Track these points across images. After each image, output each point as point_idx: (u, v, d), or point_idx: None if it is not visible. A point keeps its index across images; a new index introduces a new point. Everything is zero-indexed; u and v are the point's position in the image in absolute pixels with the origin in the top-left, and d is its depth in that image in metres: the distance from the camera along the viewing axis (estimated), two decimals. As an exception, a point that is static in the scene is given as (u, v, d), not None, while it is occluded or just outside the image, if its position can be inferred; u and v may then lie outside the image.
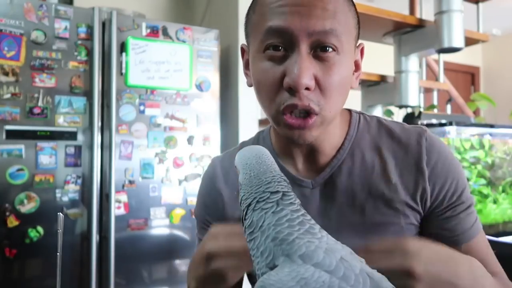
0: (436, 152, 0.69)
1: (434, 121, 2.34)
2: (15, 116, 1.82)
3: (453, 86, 3.06)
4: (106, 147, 1.98)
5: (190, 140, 2.19)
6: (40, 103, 1.87)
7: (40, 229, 1.83)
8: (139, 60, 2.08)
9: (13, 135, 1.82)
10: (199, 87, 2.23)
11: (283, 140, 0.72)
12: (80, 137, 1.94)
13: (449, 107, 3.08)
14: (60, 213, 0.55)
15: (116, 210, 1.97)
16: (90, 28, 1.98)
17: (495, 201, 2.04)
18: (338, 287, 0.44)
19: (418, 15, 2.80)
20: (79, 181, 1.93)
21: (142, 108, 2.08)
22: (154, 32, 2.13)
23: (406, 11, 2.78)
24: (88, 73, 1.97)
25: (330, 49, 0.60)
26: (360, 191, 0.69)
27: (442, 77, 2.81)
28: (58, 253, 0.53)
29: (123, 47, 2.05)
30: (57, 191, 1.88)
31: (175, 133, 2.15)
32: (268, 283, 0.46)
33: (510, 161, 2.11)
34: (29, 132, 1.85)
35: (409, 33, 2.56)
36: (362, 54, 0.70)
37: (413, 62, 2.56)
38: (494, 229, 2.02)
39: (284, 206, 0.52)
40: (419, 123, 2.32)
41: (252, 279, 0.76)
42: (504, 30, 4.91)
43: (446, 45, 2.36)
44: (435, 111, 2.85)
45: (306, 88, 0.59)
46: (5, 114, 1.81)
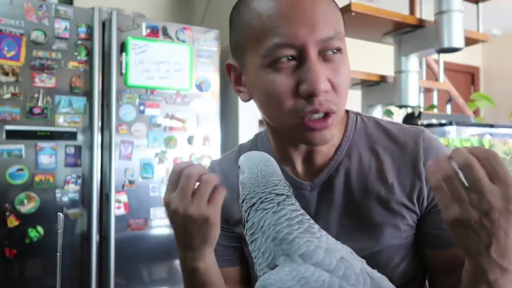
0: (433, 152, 0.69)
1: (434, 121, 2.34)
2: (15, 116, 1.82)
3: (453, 86, 3.06)
4: (106, 147, 1.98)
5: (190, 140, 2.19)
6: (40, 103, 1.87)
7: (40, 229, 1.83)
8: (139, 60, 2.08)
9: (13, 135, 1.82)
10: (199, 87, 2.23)
11: (281, 143, 0.73)
12: (80, 137, 1.94)
13: (449, 107, 3.07)
14: (60, 213, 0.55)
15: (116, 210, 1.97)
16: (90, 28, 1.97)
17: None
18: (339, 286, 0.44)
19: (418, 15, 2.79)
20: (79, 181, 1.93)
21: (142, 108, 2.08)
22: (154, 32, 2.13)
23: (406, 11, 2.77)
24: (88, 73, 1.97)
25: (336, 51, 0.62)
26: (357, 192, 0.69)
27: (442, 77, 2.81)
28: (58, 253, 0.54)
29: (123, 47, 2.05)
30: (57, 191, 1.88)
31: (175, 133, 2.15)
32: (269, 282, 0.46)
33: (510, 161, 2.11)
34: (29, 132, 1.85)
35: (409, 33, 2.55)
36: None
37: (413, 62, 2.55)
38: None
39: (284, 206, 0.52)
40: (419, 123, 2.32)
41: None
42: (504, 30, 4.91)
43: (446, 45, 2.35)
44: (435, 111, 2.85)
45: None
46: (5, 114, 1.81)
